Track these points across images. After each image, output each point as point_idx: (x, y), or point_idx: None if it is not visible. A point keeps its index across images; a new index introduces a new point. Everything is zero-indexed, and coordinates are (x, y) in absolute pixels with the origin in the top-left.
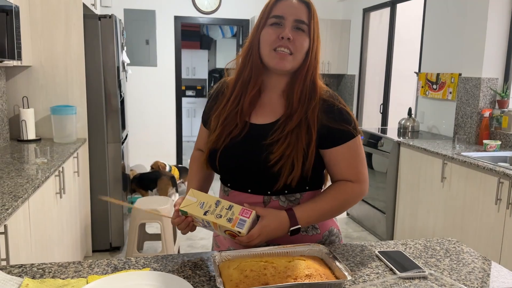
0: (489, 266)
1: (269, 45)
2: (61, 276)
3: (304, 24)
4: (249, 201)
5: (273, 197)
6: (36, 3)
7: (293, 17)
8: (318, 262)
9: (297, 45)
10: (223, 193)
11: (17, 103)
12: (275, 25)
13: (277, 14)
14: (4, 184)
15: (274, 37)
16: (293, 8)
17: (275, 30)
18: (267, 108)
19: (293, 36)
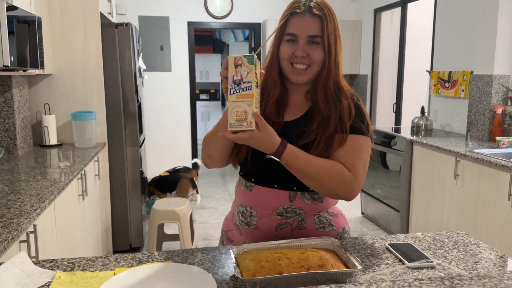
0: (496, 256)
1: (286, 60)
2: (90, 269)
3: (317, 37)
4: (275, 196)
5: (298, 193)
6: (56, 13)
7: (305, 34)
8: (330, 253)
9: (312, 58)
10: (244, 188)
11: (39, 110)
12: (290, 42)
13: (291, 32)
14: (31, 186)
15: (290, 53)
16: (305, 25)
17: (291, 47)
18: (294, 107)
19: (307, 51)
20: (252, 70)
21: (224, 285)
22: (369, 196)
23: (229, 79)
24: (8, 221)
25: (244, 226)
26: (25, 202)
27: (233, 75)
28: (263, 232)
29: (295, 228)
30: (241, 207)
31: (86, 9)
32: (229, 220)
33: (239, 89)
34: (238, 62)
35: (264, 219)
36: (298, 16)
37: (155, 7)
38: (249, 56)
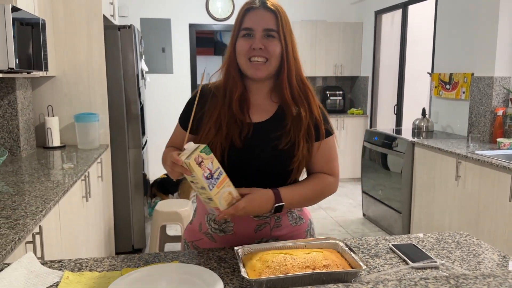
0: (499, 256)
1: (244, 55)
2: (97, 269)
3: (273, 31)
4: None
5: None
6: (59, 15)
7: (261, 27)
8: (334, 254)
9: (269, 51)
10: None
11: (42, 112)
12: (246, 36)
13: (246, 26)
14: (36, 188)
15: (247, 47)
16: (260, 19)
17: (247, 41)
18: (259, 108)
19: (265, 44)
20: (213, 158)
21: (230, 285)
22: (370, 198)
23: (201, 178)
24: (14, 222)
25: (219, 233)
26: (30, 204)
27: (202, 174)
28: (242, 236)
29: (273, 227)
30: (212, 215)
31: (89, 12)
32: (195, 230)
33: (215, 180)
34: (199, 160)
35: (241, 223)
36: (253, 11)
37: (156, 9)
38: (203, 148)
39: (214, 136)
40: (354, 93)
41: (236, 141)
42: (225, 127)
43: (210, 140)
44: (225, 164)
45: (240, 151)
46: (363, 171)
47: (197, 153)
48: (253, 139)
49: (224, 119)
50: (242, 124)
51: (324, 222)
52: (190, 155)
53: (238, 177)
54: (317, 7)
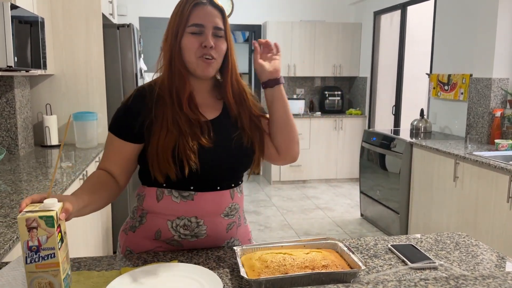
0: (497, 257)
1: (193, 53)
2: (96, 268)
3: (221, 30)
4: (220, 198)
5: (235, 189)
6: (58, 14)
7: (212, 25)
8: (334, 254)
9: (218, 50)
10: (180, 200)
11: (41, 110)
12: (196, 33)
13: (197, 22)
14: (34, 186)
15: (197, 45)
16: (211, 16)
17: (197, 39)
18: (206, 106)
19: (214, 43)
20: (53, 234)
21: (229, 285)
22: (368, 198)
23: (22, 244)
24: (12, 221)
25: (190, 239)
26: None
27: (26, 241)
28: (214, 238)
29: (238, 225)
30: (179, 220)
31: (88, 10)
32: (148, 239)
33: (38, 257)
34: (31, 225)
35: (213, 224)
36: (201, 7)
37: (155, 8)
38: (48, 217)
39: (177, 138)
40: (352, 94)
41: (203, 141)
42: (186, 128)
43: (175, 143)
44: (198, 168)
45: (210, 151)
46: (361, 172)
47: (35, 215)
48: (217, 137)
49: (180, 120)
50: (199, 123)
51: (322, 222)
52: (31, 212)
53: (210, 178)
54: (316, 7)
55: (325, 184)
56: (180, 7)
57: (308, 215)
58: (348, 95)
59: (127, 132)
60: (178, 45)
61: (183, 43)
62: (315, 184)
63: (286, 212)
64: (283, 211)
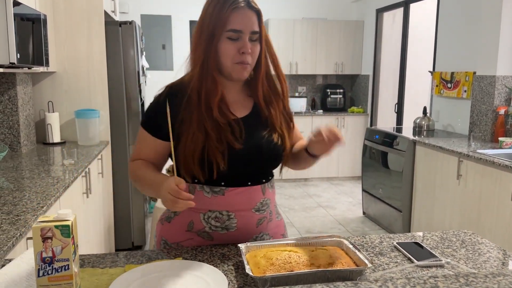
0: (504, 255)
1: (230, 58)
2: (100, 265)
3: (257, 33)
4: (251, 194)
5: (266, 184)
6: (60, 11)
7: (249, 30)
8: (339, 252)
9: (254, 55)
10: (211, 195)
11: (43, 108)
12: (233, 39)
13: (235, 28)
14: (36, 184)
15: (235, 51)
16: (248, 20)
17: (235, 45)
18: (237, 104)
19: (251, 48)
20: (68, 244)
21: (234, 282)
22: (370, 196)
23: (35, 256)
24: (15, 218)
25: (220, 231)
26: (31, 199)
27: (40, 252)
28: (244, 232)
29: (269, 220)
30: (211, 213)
31: (90, 7)
32: (181, 230)
33: (52, 269)
34: (46, 235)
35: (244, 218)
36: (239, 11)
37: (157, 5)
38: (64, 226)
39: (203, 141)
40: (354, 92)
41: (233, 143)
42: (212, 132)
43: (201, 146)
44: (226, 171)
45: (240, 150)
46: (364, 170)
47: (51, 225)
48: (247, 135)
49: (207, 123)
50: (230, 123)
51: (324, 221)
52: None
53: (241, 175)
54: (318, 5)
55: (327, 182)
56: (216, 8)
57: (310, 213)
58: (350, 93)
59: (159, 130)
60: (214, 48)
61: (220, 47)
62: (317, 182)
63: (288, 210)
64: (285, 209)
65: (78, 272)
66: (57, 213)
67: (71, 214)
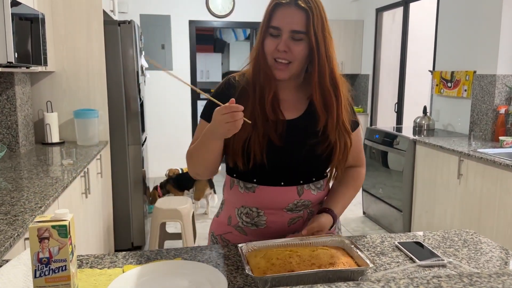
0: (506, 255)
1: (270, 55)
2: (98, 266)
3: (301, 33)
4: (283, 194)
5: (305, 186)
6: (59, 10)
7: (288, 28)
8: (340, 251)
9: (294, 54)
10: (244, 190)
11: (41, 108)
12: (273, 36)
13: (274, 25)
14: (35, 184)
15: (273, 48)
16: (290, 18)
17: (274, 41)
18: (289, 104)
19: (289, 47)
20: (65, 245)
21: (234, 283)
22: (370, 196)
23: (32, 256)
24: (13, 218)
25: (251, 227)
26: (30, 200)
27: (37, 252)
28: (275, 230)
29: (306, 219)
30: (243, 208)
31: (89, 7)
32: (223, 224)
33: (49, 270)
34: (43, 235)
35: (274, 216)
36: (282, 8)
37: (156, 5)
38: (61, 226)
39: (250, 132)
40: (354, 91)
41: (275, 139)
42: (260, 125)
43: (247, 137)
44: (264, 164)
45: (279, 150)
46: None
47: (48, 225)
48: (289, 137)
49: (257, 117)
50: (276, 122)
51: None
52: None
53: (274, 174)
54: None
55: None
56: (269, 6)
57: None
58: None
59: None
60: (262, 44)
61: (264, 44)
62: None
63: None
64: None
65: (76, 273)
66: (54, 213)
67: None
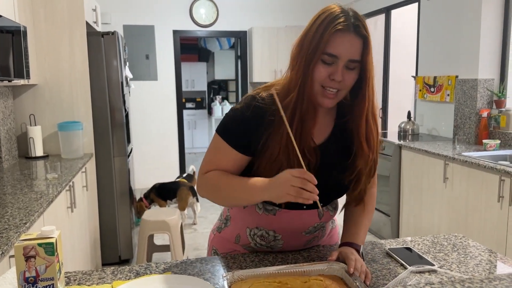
0: (495, 258)
1: (319, 82)
2: (86, 283)
3: (357, 62)
4: (305, 218)
5: (324, 208)
6: (41, 22)
7: (347, 58)
8: (337, 282)
9: (346, 83)
10: (263, 212)
11: (24, 121)
12: (326, 63)
13: (332, 53)
14: (19, 199)
15: (325, 76)
16: (349, 47)
17: (327, 69)
18: (319, 126)
19: (343, 76)
20: (52, 263)
21: None
22: None
23: (18, 276)
24: None
25: (265, 249)
26: (14, 216)
27: (23, 271)
28: (289, 251)
29: (320, 238)
30: (257, 230)
31: (72, 18)
32: (229, 241)
33: None
34: (29, 253)
35: (291, 240)
36: (342, 35)
37: (140, 16)
38: (47, 244)
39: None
40: None
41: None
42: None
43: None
44: None
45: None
46: None
47: (34, 243)
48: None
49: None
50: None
51: None
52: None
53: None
54: (301, 13)
55: None
56: (320, 28)
57: None
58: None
59: (242, 144)
60: (311, 70)
61: (315, 70)
62: None
63: None
64: None
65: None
66: (40, 230)
67: (55, 230)
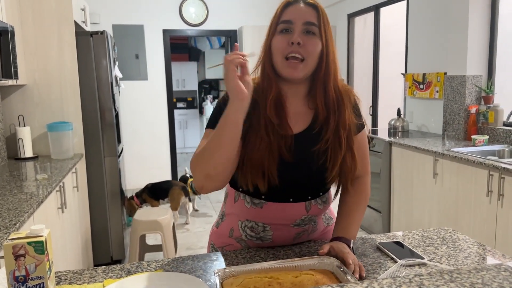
0: (484, 250)
1: (280, 53)
2: (77, 282)
3: (314, 25)
4: (292, 210)
5: (312, 201)
6: (29, 22)
7: (301, 21)
8: (328, 276)
9: (308, 49)
10: (250, 205)
11: (13, 122)
12: (284, 31)
13: (285, 19)
14: (8, 200)
15: (285, 44)
16: (301, 12)
17: (285, 37)
18: (296, 116)
19: (304, 41)
20: (42, 262)
21: None
22: None
23: (8, 275)
24: None
25: (255, 241)
26: (3, 217)
27: (13, 271)
28: (279, 243)
29: (310, 232)
30: (247, 222)
31: (60, 18)
32: (224, 235)
33: None
34: (19, 252)
35: (280, 232)
36: (293, 6)
37: (129, 15)
38: (37, 243)
39: (264, 149)
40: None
41: (285, 154)
42: (273, 138)
43: (262, 155)
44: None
45: (290, 166)
46: None
47: (24, 241)
48: (299, 152)
49: (268, 128)
50: (284, 136)
51: None
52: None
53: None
54: None
55: None
56: (276, 10)
57: None
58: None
59: None
60: (269, 46)
61: (273, 43)
62: None
63: None
64: None
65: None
66: (30, 229)
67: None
